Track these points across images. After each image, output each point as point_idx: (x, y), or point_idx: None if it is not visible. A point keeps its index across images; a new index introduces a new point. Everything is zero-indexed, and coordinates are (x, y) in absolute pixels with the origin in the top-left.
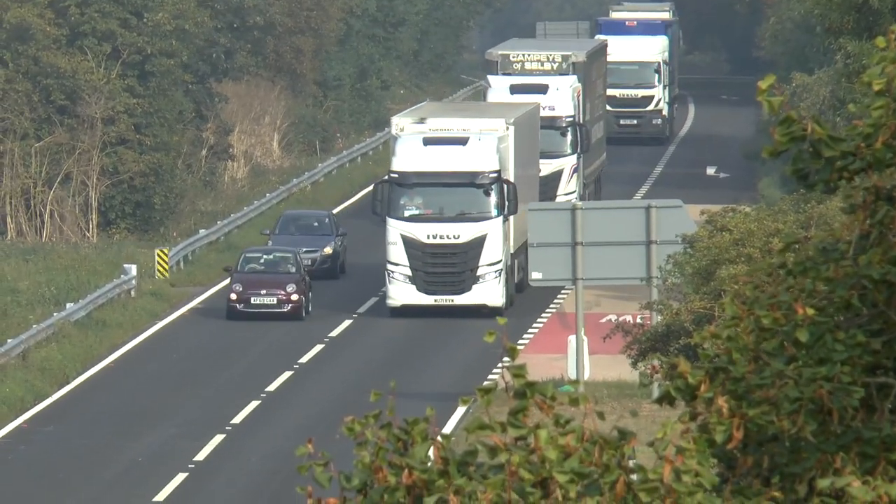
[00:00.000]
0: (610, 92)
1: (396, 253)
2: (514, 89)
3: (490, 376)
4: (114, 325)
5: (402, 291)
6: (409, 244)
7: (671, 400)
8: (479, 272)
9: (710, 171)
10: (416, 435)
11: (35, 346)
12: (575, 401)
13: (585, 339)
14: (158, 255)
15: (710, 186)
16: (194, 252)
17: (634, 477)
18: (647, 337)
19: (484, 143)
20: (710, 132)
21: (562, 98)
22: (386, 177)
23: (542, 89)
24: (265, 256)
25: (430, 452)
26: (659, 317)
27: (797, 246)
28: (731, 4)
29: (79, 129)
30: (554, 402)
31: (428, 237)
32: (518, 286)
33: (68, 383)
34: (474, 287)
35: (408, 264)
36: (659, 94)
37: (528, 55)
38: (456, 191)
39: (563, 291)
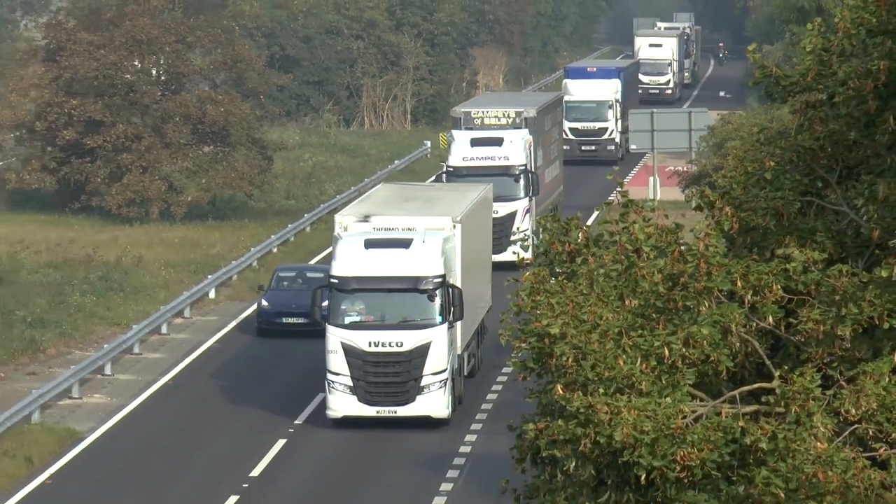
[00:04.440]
0: (574, 125)
1: (337, 362)
2: (474, 142)
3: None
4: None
5: (343, 402)
6: (350, 353)
7: (701, 208)
8: (423, 382)
9: (721, 94)
10: (571, 224)
11: None
12: (653, 209)
13: (658, 178)
14: (441, 136)
15: (721, 102)
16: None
17: (683, 248)
18: (689, 177)
19: (428, 246)
20: (720, 76)
21: (515, 149)
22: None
23: (498, 142)
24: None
25: (580, 235)
26: (695, 167)
27: (766, 130)
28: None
29: (401, 73)
30: (642, 209)
31: (370, 345)
32: (470, 373)
33: None
34: (418, 398)
35: (349, 374)
36: (612, 126)
37: (487, 112)
38: (398, 296)
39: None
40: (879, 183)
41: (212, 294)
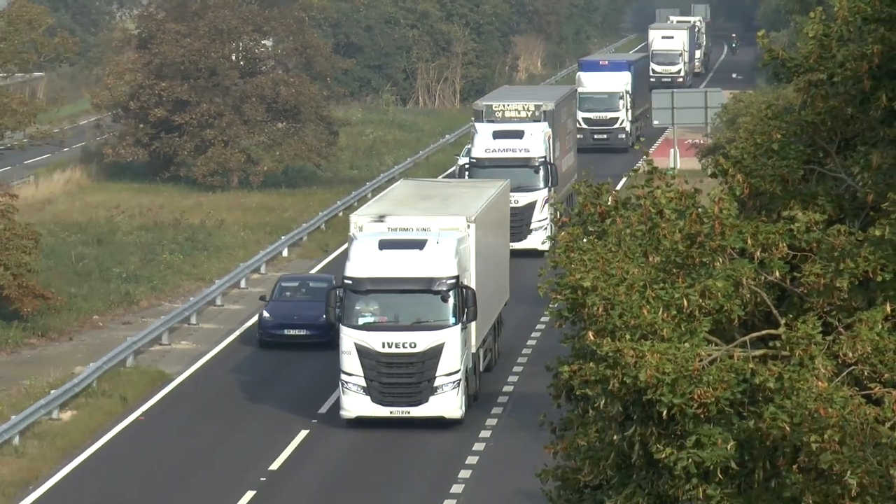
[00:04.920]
0: (587, 115)
1: (350, 362)
2: (496, 135)
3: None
4: None
5: (356, 402)
6: (364, 353)
7: (715, 176)
8: (436, 383)
9: (734, 75)
10: (602, 189)
11: None
12: (673, 176)
13: (678, 149)
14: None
15: (734, 83)
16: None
17: (700, 210)
18: (705, 149)
19: (442, 247)
20: (733, 61)
21: (535, 142)
22: (340, 282)
23: (519, 135)
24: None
25: (609, 198)
26: (710, 140)
27: (773, 107)
28: None
29: (451, 58)
30: (664, 176)
31: (383, 346)
32: (486, 368)
33: None
34: (431, 398)
35: (362, 374)
36: (623, 115)
37: (508, 105)
38: (412, 297)
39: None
40: (873, 153)
41: (285, 252)
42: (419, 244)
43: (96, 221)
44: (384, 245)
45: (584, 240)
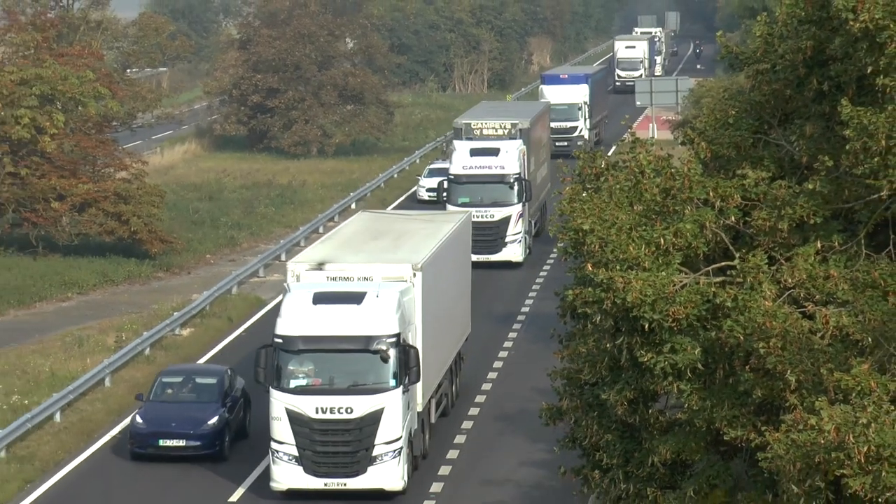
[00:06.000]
0: (550, 124)
1: (281, 430)
2: (473, 152)
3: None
4: None
5: (288, 473)
6: (295, 420)
7: (684, 144)
8: (374, 452)
9: (698, 66)
10: (597, 155)
11: None
12: (652, 145)
13: (655, 124)
14: (507, 97)
15: (698, 72)
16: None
17: (673, 170)
18: (676, 123)
19: (382, 301)
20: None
21: (510, 159)
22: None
23: (495, 152)
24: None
25: (602, 162)
26: (680, 116)
27: (728, 90)
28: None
29: (479, 55)
30: (645, 144)
31: (316, 412)
32: (442, 413)
33: None
34: (370, 468)
35: (294, 443)
36: (581, 125)
37: (485, 123)
38: (349, 357)
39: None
40: (807, 125)
41: (353, 206)
42: (357, 298)
43: (208, 182)
44: (319, 299)
45: (584, 194)
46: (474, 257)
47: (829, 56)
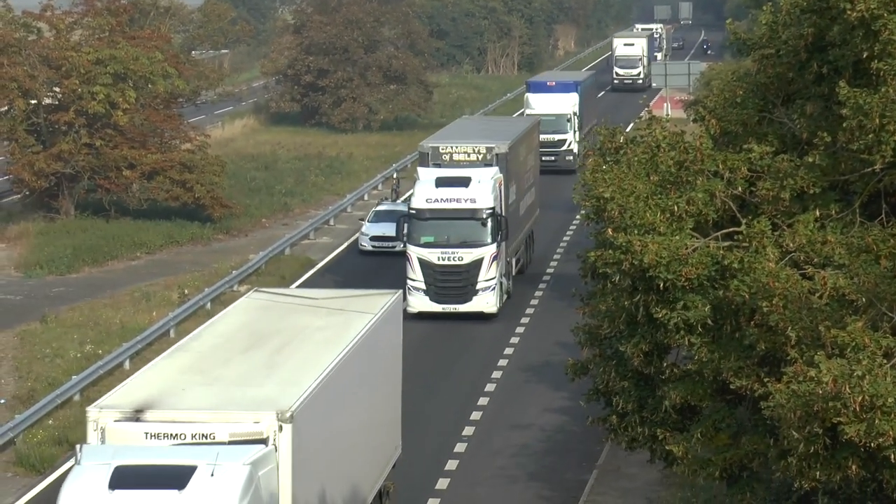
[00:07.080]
0: None
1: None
2: (440, 182)
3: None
4: None
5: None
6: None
7: (696, 121)
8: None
9: (709, 52)
10: (616, 131)
11: None
12: (667, 122)
13: (669, 103)
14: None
15: (709, 58)
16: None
17: (686, 144)
18: (689, 102)
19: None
20: (705, 58)
21: (482, 190)
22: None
23: (465, 182)
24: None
25: (621, 137)
26: (692, 96)
27: (736, 73)
28: None
29: (511, 40)
30: (660, 122)
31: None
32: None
33: None
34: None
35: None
36: (570, 137)
37: (456, 147)
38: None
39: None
40: (807, 105)
41: (394, 175)
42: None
43: (264, 154)
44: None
45: (605, 166)
46: (439, 307)
47: (829, 42)
